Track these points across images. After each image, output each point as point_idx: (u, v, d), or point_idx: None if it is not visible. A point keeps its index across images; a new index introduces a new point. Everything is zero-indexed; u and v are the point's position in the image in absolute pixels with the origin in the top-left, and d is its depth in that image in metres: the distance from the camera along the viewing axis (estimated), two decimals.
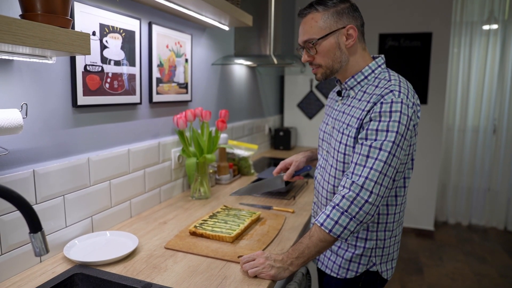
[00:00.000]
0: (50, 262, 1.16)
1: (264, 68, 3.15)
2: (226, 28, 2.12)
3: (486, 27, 3.96)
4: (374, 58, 1.25)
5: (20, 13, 0.98)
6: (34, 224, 0.71)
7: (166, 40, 1.74)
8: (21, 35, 0.76)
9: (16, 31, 0.75)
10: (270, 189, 1.62)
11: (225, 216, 1.54)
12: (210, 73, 2.25)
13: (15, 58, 0.96)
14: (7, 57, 0.95)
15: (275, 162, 2.82)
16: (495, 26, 3.93)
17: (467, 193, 4.24)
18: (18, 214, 1.07)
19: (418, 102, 1.17)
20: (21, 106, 1.05)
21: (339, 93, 1.31)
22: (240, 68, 2.71)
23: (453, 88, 4.16)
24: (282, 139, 3.37)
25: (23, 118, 1.02)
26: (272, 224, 1.52)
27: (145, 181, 1.64)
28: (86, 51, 0.94)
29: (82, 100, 1.29)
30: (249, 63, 2.51)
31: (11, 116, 0.95)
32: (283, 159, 2.88)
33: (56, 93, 1.20)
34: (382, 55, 1.26)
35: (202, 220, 1.47)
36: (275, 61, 2.34)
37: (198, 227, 1.40)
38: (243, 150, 2.42)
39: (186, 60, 1.93)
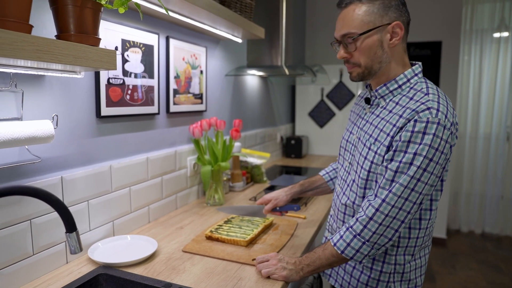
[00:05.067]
0: (75, 263, 1.23)
1: (276, 78, 3.23)
2: (239, 40, 2.20)
3: (496, 34, 3.98)
4: (412, 64, 1.14)
5: (53, 32, 1.07)
6: (70, 224, 0.79)
7: (182, 53, 1.82)
8: (58, 54, 0.84)
9: (54, 50, 0.83)
10: (251, 215, 1.60)
11: (239, 221, 1.60)
12: (223, 84, 2.33)
13: (49, 73, 1.05)
14: (43, 73, 1.04)
15: (287, 170, 2.88)
16: (506, 34, 3.94)
17: (480, 201, 4.22)
18: (47, 217, 1.15)
19: (457, 120, 1.05)
20: (52, 117, 1.13)
21: (367, 101, 1.19)
22: (252, 78, 2.78)
23: (464, 95, 4.17)
24: (293, 147, 3.43)
25: (54, 128, 1.10)
26: (284, 229, 1.57)
27: (162, 187, 1.72)
28: (113, 67, 1.02)
29: (105, 111, 1.37)
30: (261, 73, 2.59)
31: (44, 126, 1.03)
32: (294, 167, 2.96)
33: (82, 105, 1.28)
34: (420, 63, 1.14)
35: (218, 225, 1.54)
36: (287, 72, 2.41)
37: (214, 232, 1.46)
38: (256, 158, 2.48)
39: (201, 72, 2.01)
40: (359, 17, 1.05)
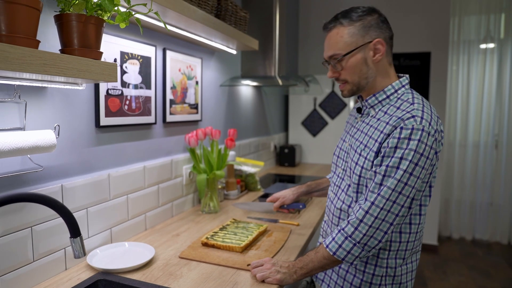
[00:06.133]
0: (74, 269, 1.26)
1: (269, 88, 3.29)
2: (234, 51, 2.26)
3: (483, 45, 4.10)
4: (399, 76, 1.22)
5: (55, 45, 1.12)
6: (75, 230, 0.82)
7: (178, 64, 1.87)
8: (63, 68, 0.88)
9: (59, 64, 0.87)
10: (263, 211, 1.77)
11: (234, 228, 1.64)
12: (218, 94, 2.38)
13: (52, 85, 1.09)
14: (46, 85, 1.08)
15: (280, 178, 2.92)
16: (491, 45, 4.06)
17: (470, 208, 4.29)
18: (47, 225, 1.18)
19: (442, 127, 1.12)
20: (54, 127, 1.17)
21: (359, 110, 1.28)
22: (246, 88, 2.84)
23: (453, 104, 4.27)
24: (287, 156, 3.48)
25: (56, 138, 1.14)
26: (278, 235, 1.62)
27: (158, 196, 1.75)
28: (114, 79, 1.06)
29: (104, 121, 1.41)
30: (255, 84, 2.64)
31: (47, 136, 1.07)
32: (288, 176, 3.01)
33: (82, 115, 1.32)
34: (407, 75, 1.22)
35: (213, 232, 1.57)
36: (280, 82, 2.47)
37: (209, 238, 1.50)
38: (250, 166, 2.52)
39: (197, 82, 2.06)
40: (342, 39, 1.16)
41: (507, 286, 3.20)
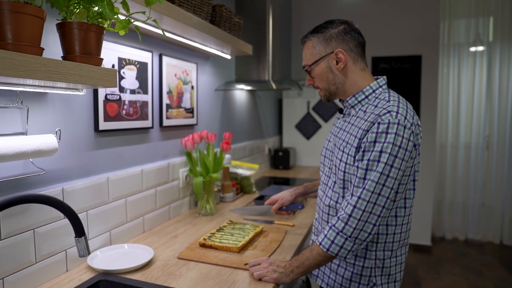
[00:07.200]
0: (75, 271, 1.29)
1: (264, 92, 3.33)
2: (228, 56, 2.30)
3: (473, 48, 4.19)
4: (376, 78, 1.31)
5: (55, 51, 1.15)
6: (79, 229, 0.86)
7: (174, 69, 1.91)
8: (66, 74, 0.92)
9: (62, 70, 0.91)
10: (261, 215, 1.82)
11: (231, 229, 1.67)
12: (213, 98, 2.42)
13: (54, 91, 1.12)
14: (49, 91, 1.11)
15: (275, 180, 2.96)
16: (481, 48, 4.15)
17: (463, 209, 4.36)
18: (49, 227, 1.20)
19: (419, 122, 1.20)
20: (56, 132, 1.20)
21: (341, 111, 1.37)
22: (241, 92, 2.88)
23: (444, 106, 4.35)
24: (281, 159, 3.52)
25: (57, 142, 1.17)
26: (274, 236, 1.65)
27: (156, 198, 1.78)
28: (114, 84, 1.10)
29: (103, 125, 1.44)
30: (249, 88, 2.69)
31: (49, 140, 1.10)
32: (282, 178, 3.05)
33: (81, 120, 1.35)
34: (384, 76, 1.32)
35: (210, 233, 1.60)
36: (274, 86, 2.51)
37: (207, 239, 1.53)
38: (245, 169, 2.56)
39: (192, 87, 2.10)
40: (309, 51, 1.31)
41: (499, 285, 3.26)
